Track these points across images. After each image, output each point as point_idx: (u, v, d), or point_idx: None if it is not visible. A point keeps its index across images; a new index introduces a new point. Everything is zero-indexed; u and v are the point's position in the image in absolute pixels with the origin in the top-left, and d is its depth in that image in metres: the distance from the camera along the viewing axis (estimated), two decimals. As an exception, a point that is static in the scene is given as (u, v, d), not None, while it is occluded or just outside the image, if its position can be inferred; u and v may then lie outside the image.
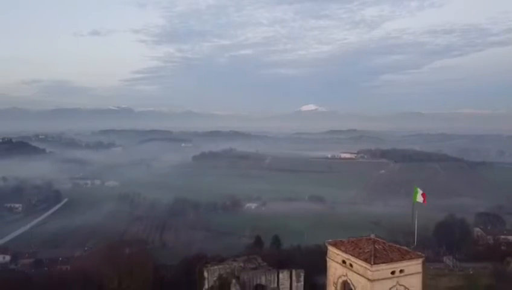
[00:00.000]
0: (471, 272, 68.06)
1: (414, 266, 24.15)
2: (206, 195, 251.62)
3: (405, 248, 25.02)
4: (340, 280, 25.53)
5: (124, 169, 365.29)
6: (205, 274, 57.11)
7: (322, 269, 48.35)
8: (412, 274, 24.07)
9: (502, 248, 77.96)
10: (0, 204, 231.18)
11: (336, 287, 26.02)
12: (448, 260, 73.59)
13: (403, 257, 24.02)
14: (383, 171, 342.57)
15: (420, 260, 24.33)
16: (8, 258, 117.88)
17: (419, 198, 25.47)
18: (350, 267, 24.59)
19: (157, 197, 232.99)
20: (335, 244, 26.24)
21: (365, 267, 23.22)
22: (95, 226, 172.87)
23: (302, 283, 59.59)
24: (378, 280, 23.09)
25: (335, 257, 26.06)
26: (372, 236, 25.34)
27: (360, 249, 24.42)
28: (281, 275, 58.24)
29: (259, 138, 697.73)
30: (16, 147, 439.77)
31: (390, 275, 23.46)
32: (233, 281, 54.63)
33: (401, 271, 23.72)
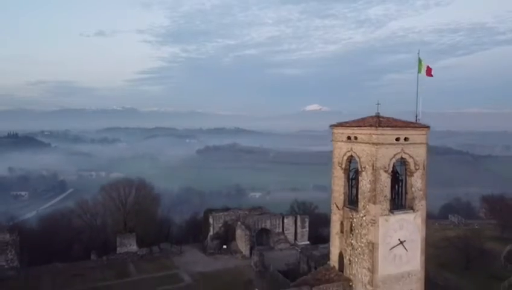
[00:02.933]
0: (476, 227, 67.90)
1: (419, 136, 24.29)
2: (211, 185, 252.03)
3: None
4: (345, 157, 25.70)
5: (128, 162, 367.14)
6: (210, 220, 57.35)
7: (327, 223, 48.56)
8: (417, 144, 24.18)
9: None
10: (6, 192, 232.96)
11: (341, 166, 26.17)
12: (453, 217, 73.37)
13: (408, 125, 24.18)
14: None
15: (425, 130, 24.48)
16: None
17: (424, 70, 25.51)
18: (355, 140, 24.76)
19: (162, 186, 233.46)
20: (340, 125, 26.42)
21: (370, 133, 23.38)
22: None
23: (307, 229, 59.86)
24: (383, 144, 23.23)
25: (339, 137, 26.23)
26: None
27: (365, 122, 24.58)
28: (285, 220, 58.55)
29: (263, 134, 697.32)
30: (21, 142, 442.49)
31: (395, 142, 23.61)
32: (239, 223, 54.84)
33: (405, 139, 23.85)
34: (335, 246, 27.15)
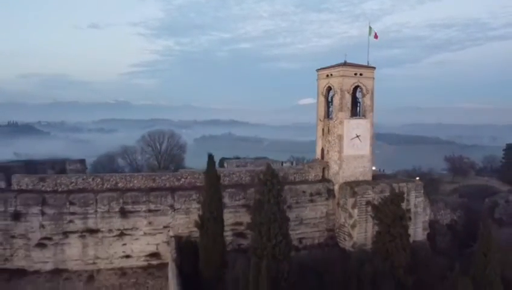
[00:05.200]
0: (435, 177, 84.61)
1: (369, 72, 40.28)
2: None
3: (365, 65, 40.98)
4: (325, 88, 41.60)
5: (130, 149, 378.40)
6: (225, 165, 73.24)
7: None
8: (367, 77, 40.21)
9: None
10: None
11: (322, 94, 42.09)
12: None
13: (362, 66, 40.16)
14: (378, 151, 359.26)
15: (373, 70, 40.45)
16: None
17: (373, 34, 41.20)
18: (331, 76, 40.68)
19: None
20: (322, 68, 42.26)
21: (339, 70, 39.32)
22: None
23: (301, 172, 76.03)
24: (347, 76, 39.21)
25: (322, 76, 42.09)
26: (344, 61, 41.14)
27: (337, 64, 40.41)
28: (284, 165, 74.67)
29: (258, 126, 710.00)
30: (21, 130, 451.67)
31: (354, 75, 39.61)
32: (248, 164, 70.99)
33: (360, 74, 39.83)
34: (319, 145, 43.10)
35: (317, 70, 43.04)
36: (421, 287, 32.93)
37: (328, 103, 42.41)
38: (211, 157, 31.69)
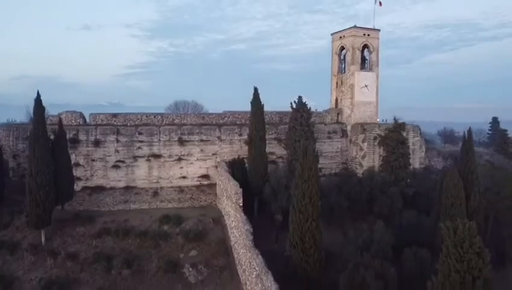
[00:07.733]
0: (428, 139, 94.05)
1: (375, 34, 49.31)
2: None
3: (370, 28, 49.91)
4: (339, 47, 50.54)
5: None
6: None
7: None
8: (373, 37, 49.22)
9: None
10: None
11: (336, 53, 51.00)
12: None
13: (369, 28, 49.09)
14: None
15: (378, 32, 49.44)
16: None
17: (377, 2, 50.12)
18: (343, 37, 49.60)
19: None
20: (336, 32, 51.15)
21: (351, 31, 48.34)
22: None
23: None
24: (357, 36, 48.21)
25: (336, 38, 51.03)
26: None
27: (349, 28, 49.29)
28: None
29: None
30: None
31: (363, 36, 48.63)
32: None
33: (368, 35, 48.83)
34: (333, 95, 51.99)
35: (332, 34, 52.00)
36: (418, 195, 41.78)
37: (341, 60, 51.31)
38: (256, 89, 40.10)
